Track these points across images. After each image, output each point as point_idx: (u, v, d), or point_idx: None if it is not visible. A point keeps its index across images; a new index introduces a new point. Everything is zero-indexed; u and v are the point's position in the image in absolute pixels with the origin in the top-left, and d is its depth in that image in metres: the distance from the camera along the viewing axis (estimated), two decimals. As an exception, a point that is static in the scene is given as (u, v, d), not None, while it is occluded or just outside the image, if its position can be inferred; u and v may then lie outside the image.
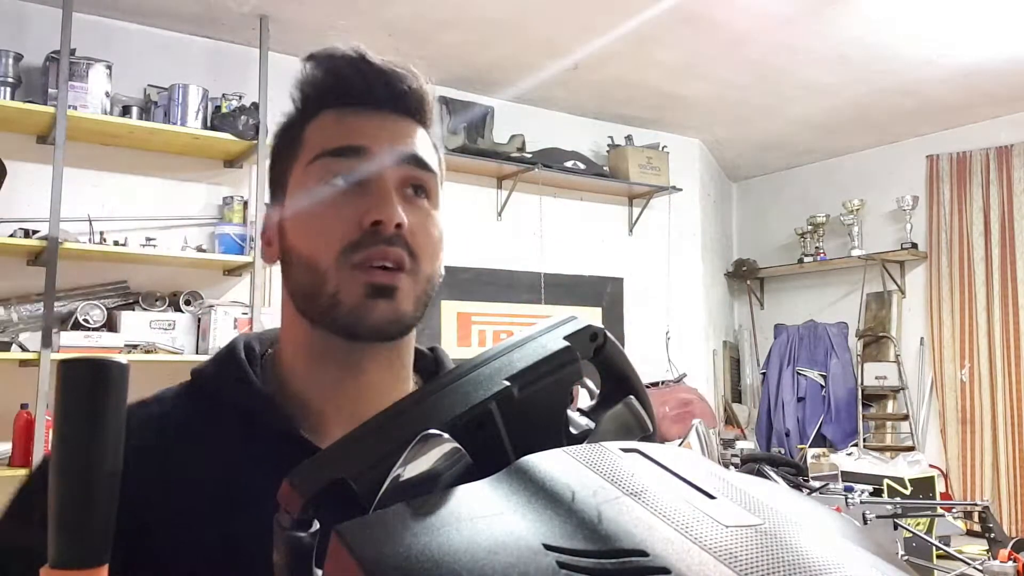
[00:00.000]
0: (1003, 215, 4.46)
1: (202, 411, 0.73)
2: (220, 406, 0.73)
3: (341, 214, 0.69)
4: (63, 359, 0.45)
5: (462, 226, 4.15)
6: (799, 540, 0.34)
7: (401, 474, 0.41)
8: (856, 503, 2.61)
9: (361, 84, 0.72)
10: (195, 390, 0.76)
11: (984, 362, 4.49)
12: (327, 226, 0.69)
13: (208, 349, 3.12)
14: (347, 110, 0.73)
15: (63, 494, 0.44)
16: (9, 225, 3.02)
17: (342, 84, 0.73)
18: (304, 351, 0.74)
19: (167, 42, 3.49)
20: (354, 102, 0.73)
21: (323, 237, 0.69)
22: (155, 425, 0.71)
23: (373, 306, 0.68)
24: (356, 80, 0.73)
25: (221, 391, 0.74)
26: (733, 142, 5.13)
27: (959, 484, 4.54)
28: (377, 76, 0.72)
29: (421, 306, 0.72)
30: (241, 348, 0.77)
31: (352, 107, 0.73)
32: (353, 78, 0.73)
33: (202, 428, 0.72)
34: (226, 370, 0.75)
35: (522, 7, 3.32)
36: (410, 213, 0.70)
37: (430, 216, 0.73)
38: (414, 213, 0.71)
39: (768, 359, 5.44)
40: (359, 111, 0.72)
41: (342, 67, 0.73)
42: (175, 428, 0.72)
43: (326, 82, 0.74)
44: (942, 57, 3.75)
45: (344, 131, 0.72)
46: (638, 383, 0.56)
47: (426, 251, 0.71)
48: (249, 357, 0.76)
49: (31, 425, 2.79)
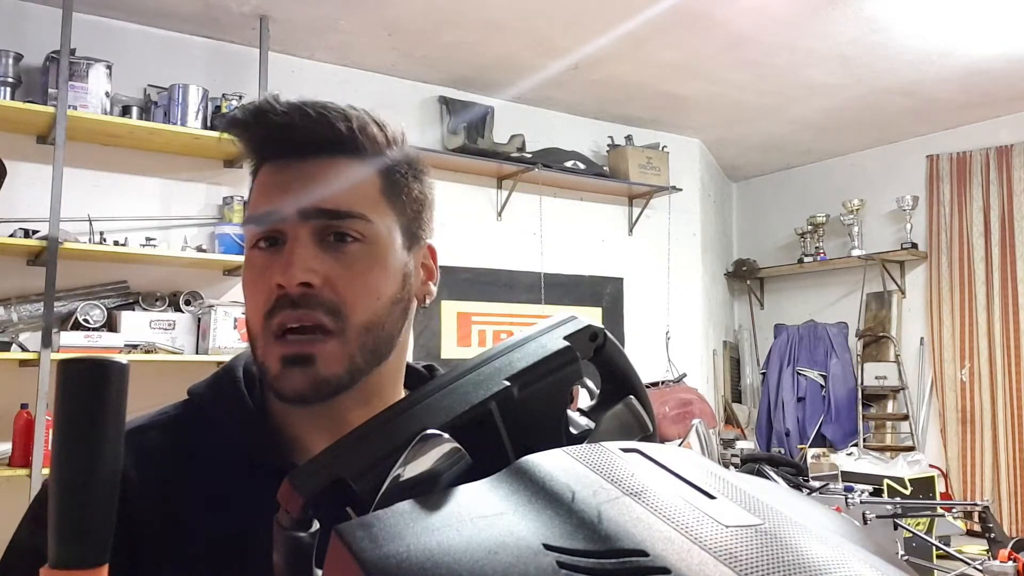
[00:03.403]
0: (1003, 215, 4.46)
1: (200, 440, 0.73)
2: (217, 434, 0.73)
3: (261, 279, 0.69)
4: (63, 359, 0.45)
5: (462, 226, 4.15)
6: (799, 540, 0.34)
7: (401, 474, 0.41)
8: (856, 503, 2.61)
9: (266, 140, 0.71)
10: (192, 414, 0.76)
11: (984, 362, 4.49)
12: (252, 291, 0.70)
13: (208, 349, 3.12)
14: (276, 163, 0.71)
15: (63, 494, 0.44)
16: (9, 225, 3.02)
17: (255, 144, 0.72)
18: None
19: (167, 42, 3.49)
20: (277, 155, 0.71)
21: (252, 302, 0.70)
22: (154, 458, 0.71)
23: (290, 375, 0.67)
24: (258, 138, 0.71)
25: (218, 420, 0.74)
26: (733, 142, 5.12)
27: (959, 484, 4.54)
28: (278, 128, 0.69)
29: (363, 360, 0.69)
30: (240, 373, 0.76)
31: (278, 159, 0.71)
32: (255, 137, 0.72)
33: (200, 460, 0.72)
34: (224, 396, 0.75)
35: (522, 7, 3.32)
36: (333, 264, 0.68)
37: (363, 259, 0.69)
38: (338, 263, 0.68)
39: (768, 359, 5.44)
40: (284, 163, 0.71)
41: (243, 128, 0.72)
42: (173, 460, 0.72)
43: (245, 142, 0.73)
44: (942, 57, 3.75)
45: (263, 191, 0.71)
46: (638, 383, 0.56)
47: (358, 300, 0.68)
48: (248, 383, 0.76)
49: (31, 425, 2.79)
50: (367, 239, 0.70)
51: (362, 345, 0.69)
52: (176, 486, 0.70)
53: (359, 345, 0.68)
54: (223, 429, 0.73)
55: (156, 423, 0.75)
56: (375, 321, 0.70)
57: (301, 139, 0.70)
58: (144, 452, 0.71)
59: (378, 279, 0.70)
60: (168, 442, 0.73)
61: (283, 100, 0.70)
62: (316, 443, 0.71)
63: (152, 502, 0.68)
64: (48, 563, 0.43)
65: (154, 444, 0.72)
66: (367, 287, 0.69)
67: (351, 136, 0.71)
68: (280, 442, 0.73)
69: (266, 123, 0.69)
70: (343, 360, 0.68)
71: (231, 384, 0.75)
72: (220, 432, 0.73)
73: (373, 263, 0.70)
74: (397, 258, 0.72)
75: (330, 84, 3.78)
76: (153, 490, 0.69)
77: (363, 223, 0.70)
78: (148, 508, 0.68)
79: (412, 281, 0.74)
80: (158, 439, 0.73)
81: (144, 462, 0.70)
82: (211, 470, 0.71)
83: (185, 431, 0.74)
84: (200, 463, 0.71)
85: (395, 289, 0.71)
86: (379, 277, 0.70)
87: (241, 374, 0.76)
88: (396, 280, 0.71)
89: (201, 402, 0.76)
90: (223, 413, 0.74)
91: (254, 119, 0.70)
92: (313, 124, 0.69)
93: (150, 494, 0.68)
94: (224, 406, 0.74)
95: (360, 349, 0.69)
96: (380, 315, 0.70)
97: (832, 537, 0.35)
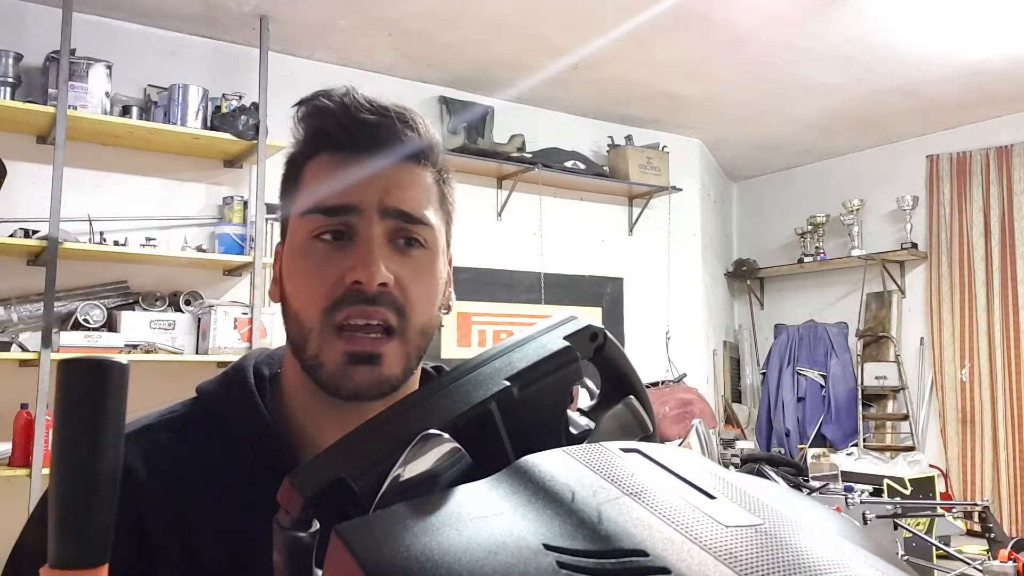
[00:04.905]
0: (1003, 215, 4.46)
1: (209, 440, 0.73)
2: (227, 433, 0.73)
3: (325, 272, 0.69)
4: (63, 359, 0.45)
5: (462, 226, 4.12)
6: (799, 540, 0.34)
7: (401, 474, 0.41)
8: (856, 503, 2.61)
9: (351, 133, 0.71)
10: (202, 413, 0.76)
11: (984, 362, 4.49)
12: (312, 283, 0.69)
13: (208, 349, 3.12)
14: (341, 155, 0.71)
15: (63, 494, 0.44)
16: (9, 225, 3.02)
17: (332, 133, 0.72)
18: (303, 388, 0.73)
19: (167, 42, 3.49)
20: (347, 147, 0.72)
21: (309, 293, 0.69)
22: (163, 457, 0.71)
23: (354, 372, 0.68)
24: (345, 130, 0.71)
25: (228, 421, 0.74)
26: (733, 142, 5.13)
27: (959, 484, 4.54)
28: (366, 126, 0.70)
29: (415, 361, 0.71)
30: (251, 374, 0.76)
31: (346, 152, 0.71)
32: (342, 129, 0.71)
33: (209, 459, 0.71)
34: (235, 397, 0.75)
35: (522, 7, 3.32)
36: (400, 266, 0.69)
37: (425, 265, 0.71)
38: (405, 265, 0.70)
39: (768, 359, 5.44)
40: (352, 157, 0.71)
41: (330, 116, 0.72)
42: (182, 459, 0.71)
43: (317, 129, 0.73)
44: (942, 57, 3.75)
45: (333, 183, 0.71)
46: (638, 383, 0.56)
47: (420, 304, 0.70)
48: (258, 383, 0.76)
49: (31, 425, 2.79)
50: (429, 245, 0.72)
51: (417, 347, 0.71)
52: (185, 485, 0.70)
53: (415, 347, 0.71)
54: (233, 429, 0.73)
55: (165, 422, 0.75)
56: (429, 324, 0.72)
57: (385, 139, 0.71)
58: (153, 451, 0.71)
59: (434, 286, 0.73)
60: (177, 441, 0.73)
61: (364, 96, 0.72)
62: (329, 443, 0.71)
63: (161, 501, 0.68)
64: (48, 563, 0.43)
65: (163, 443, 0.72)
66: (428, 292, 0.71)
67: (426, 143, 0.73)
68: (292, 443, 0.73)
69: (355, 117, 0.70)
70: (402, 360, 0.70)
71: (242, 384, 0.75)
72: (230, 432, 0.73)
73: (432, 269, 0.72)
74: (443, 265, 0.75)
75: (330, 84, 3.76)
76: (162, 489, 0.69)
77: (429, 230, 0.72)
78: (157, 507, 0.68)
79: (447, 288, 0.77)
80: (167, 438, 0.73)
81: (153, 461, 0.70)
82: (220, 469, 0.71)
83: (194, 430, 0.74)
84: (209, 462, 0.71)
85: (441, 295, 0.74)
86: (435, 283, 0.73)
87: (252, 374, 0.76)
88: (442, 286, 0.74)
89: (211, 401, 0.76)
90: (233, 413, 0.74)
91: (342, 110, 0.71)
92: (400, 127, 0.71)
93: (159, 493, 0.68)
94: (235, 406, 0.74)
95: (416, 350, 0.71)
96: (433, 319, 0.73)
97: (832, 537, 0.35)
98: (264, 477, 0.68)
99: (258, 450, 0.71)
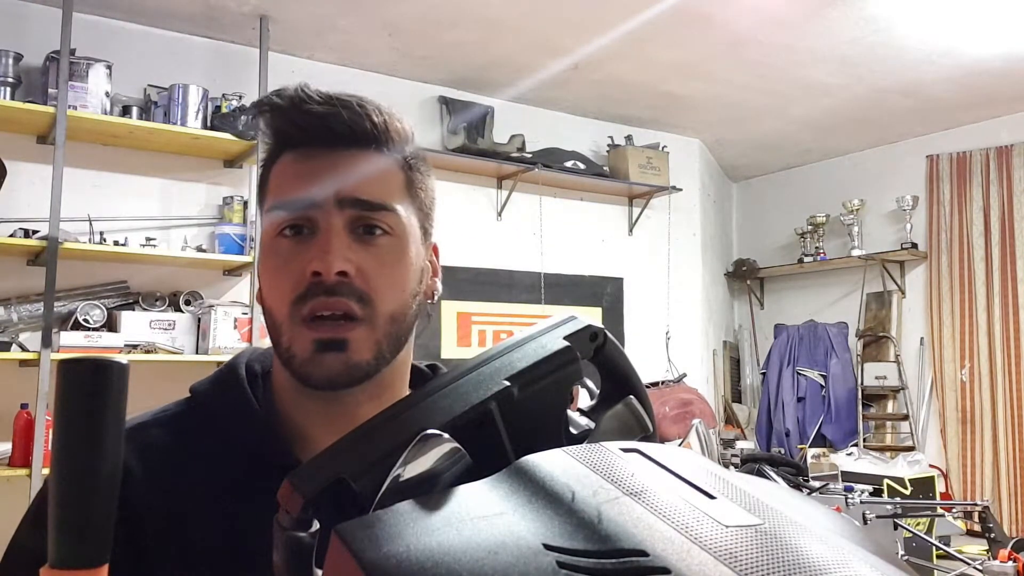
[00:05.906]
0: (1003, 215, 4.46)
1: (203, 437, 0.73)
2: (220, 431, 0.73)
3: (290, 266, 0.69)
4: (63, 359, 0.45)
5: (462, 226, 4.15)
6: (799, 540, 0.34)
7: (401, 474, 0.41)
8: (856, 503, 2.61)
9: (303, 127, 0.71)
10: (195, 411, 0.76)
11: (984, 362, 4.49)
12: (279, 278, 0.70)
13: (208, 349, 3.12)
14: (299, 151, 0.72)
15: (63, 494, 0.44)
16: (9, 225, 3.02)
17: (286, 130, 0.73)
18: (290, 384, 0.74)
19: (167, 42, 3.49)
20: (305, 143, 0.72)
21: (277, 289, 0.70)
22: (157, 454, 0.71)
23: (322, 359, 0.68)
24: (296, 126, 0.71)
25: (222, 418, 0.74)
26: (733, 142, 5.13)
27: (959, 484, 4.54)
28: (316, 118, 0.70)
29: (388, 349, 0.71)
30: (243, 370, 0.77)
31: (303, 147, 0.72)
32: (293, 125, 0.71)
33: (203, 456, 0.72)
34: (228, 394, 0.75)
35: (522, 7, 3.32)
36: (363, 255, 0.69)
37: (391, 252, 0.71)
38: (368, 253, 0.70)
39: (768, 359, 5.44)
40: (309, 151, 0.71)
41: (282, 114, 0.72)
42: (176, 457, 0.72)
43: (276, 129, 0.73)
44: (942, 57, 3.75)
45: (292, 178, 0.71)
46: (638, 383, 0.56)
47: (386, 291, 0.70)
48: (251, 380, 0.76)
49: (31, 425, 2.79)
50: (395, 232, 0.72)
51: (387, 334, 0.70)
52: (179, 482, 0.70)
53: (385, 333, 0.70)
54: (226, 426, 0.73)
55: (159, 420, 0.75)
56: (399, 312, 0.71)
57: (338, 130, 0.71)
58: (147, 448, 0.71)
59: (403, 272, 0.72)
60: (171, 439, 0.73)
61: (315, 90, 0.71)
62: (323, 439, 0.71)
63: (155, 498, 0.68)
64: (48, 563, 0.43)
65: (157, 441, 0.73)
66: (394, 280, 0.71)
67: (383, 130, 0.72)
68: (285, 438, 0.73)
69: (305, 111, 0.70)
70: (372, 346, 0.69)
71: (234, 381, 0.76)
72: (223, 429, 0.73)
73: (400, 256, 0.72)
74: (417, 252, 0.74)
75: (330, 84, 3.68)
76: (156, 486, 0.69)
77: (393, 216, 0.71)
78: (151, 504, 0.68)
79: (425, 276, 0.76)
80: (161, 436, 0.73)
81: (147, 458, 0.70)
82: (214, 467, 0.71)
83: (188, 428, 0.74)
84: (203, 460, 0.71)
85: (415, 283, 0.73)
86: (404, 270, 0.72)
87: (244, 371, 0.77)
88: (416, 274, 0.74)
89: (204, 399, 0.76)
90: (226, 410, 0.74)
91: (292, 106, 0.71)
92: (352, 116, 0.71)
93: (153, 490, 0.69)
94: (227, 403, 0.74)
95: (386, 337, 0.70)
96: (404, 306, 0.72)
97: (832, 537, 0.35)
98: (258, 472, 0.68)
99: (252, 445, 0.72)
